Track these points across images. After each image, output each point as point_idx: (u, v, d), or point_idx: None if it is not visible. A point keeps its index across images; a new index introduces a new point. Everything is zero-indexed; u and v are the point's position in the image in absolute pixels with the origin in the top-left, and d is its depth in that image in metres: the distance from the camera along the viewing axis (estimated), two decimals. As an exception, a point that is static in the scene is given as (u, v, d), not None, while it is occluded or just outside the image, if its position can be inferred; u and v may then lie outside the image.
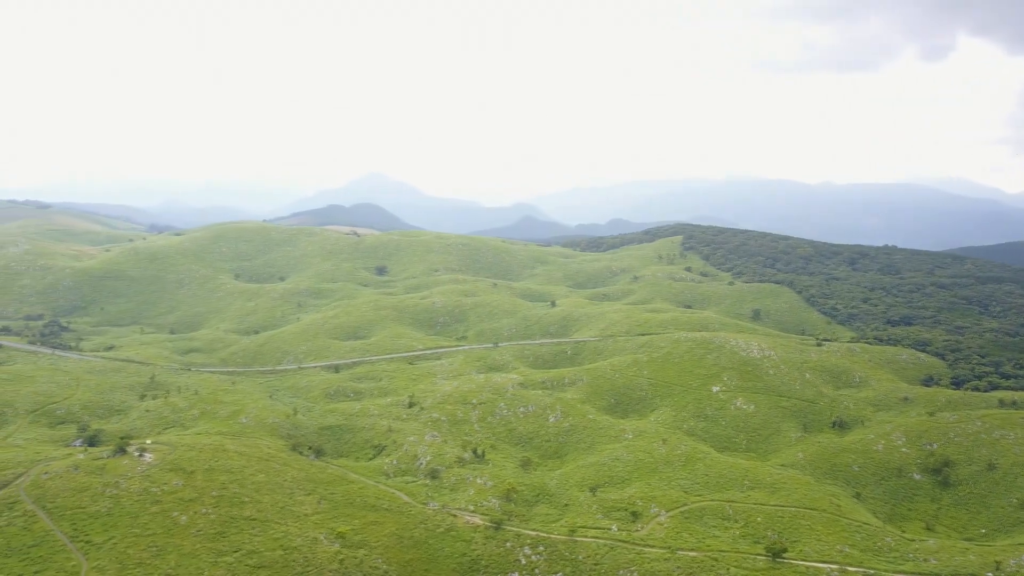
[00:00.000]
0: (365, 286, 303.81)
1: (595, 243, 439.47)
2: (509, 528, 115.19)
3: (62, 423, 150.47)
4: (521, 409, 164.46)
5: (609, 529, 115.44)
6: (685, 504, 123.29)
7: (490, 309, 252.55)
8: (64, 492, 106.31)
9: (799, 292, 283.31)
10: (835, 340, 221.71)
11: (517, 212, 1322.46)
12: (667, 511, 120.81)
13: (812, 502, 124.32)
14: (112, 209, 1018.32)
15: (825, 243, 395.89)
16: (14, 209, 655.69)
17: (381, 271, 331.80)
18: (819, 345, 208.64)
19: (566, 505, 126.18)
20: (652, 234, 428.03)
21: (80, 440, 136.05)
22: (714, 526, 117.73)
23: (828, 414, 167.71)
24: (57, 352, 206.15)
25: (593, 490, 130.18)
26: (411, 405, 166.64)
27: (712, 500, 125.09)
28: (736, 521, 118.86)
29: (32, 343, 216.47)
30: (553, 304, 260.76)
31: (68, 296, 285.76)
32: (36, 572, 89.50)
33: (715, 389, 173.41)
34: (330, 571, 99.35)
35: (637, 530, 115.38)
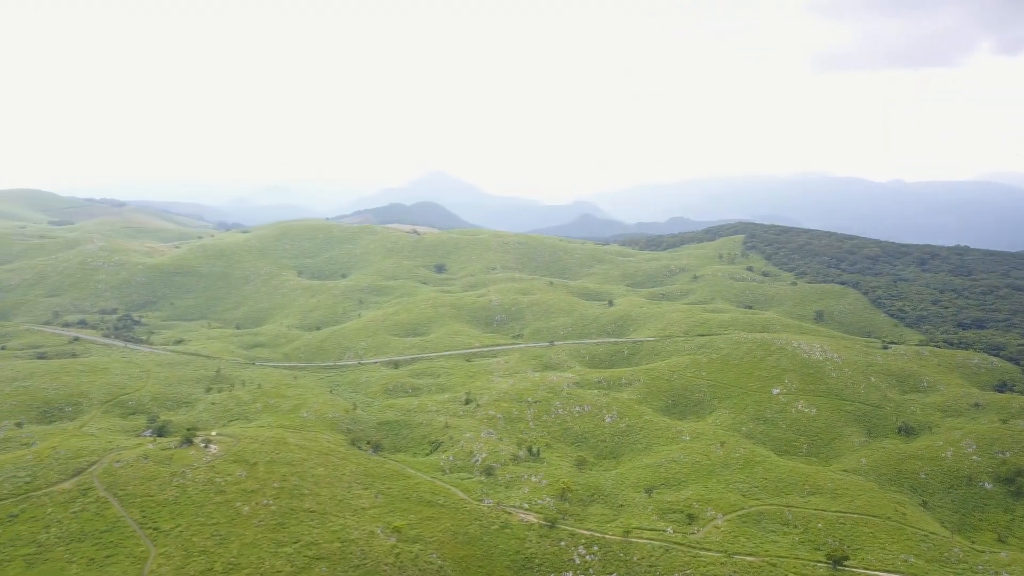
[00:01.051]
0: (424, 283, 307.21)
1: (654, 242, 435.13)
2: (563, 527, 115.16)
3: (133, 413, 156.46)
4: (576, 408, 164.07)
5: (664, 531, 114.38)
6: (743, 508, 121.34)
7: (546, 308, 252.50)
8: (134, 480, 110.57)
9: (865, 293, 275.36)
10: (902, 343, 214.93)
11: (576, 210, 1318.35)
12: (724, 514, 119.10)
13: (875, 509, 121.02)
14: (183, 208, 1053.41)
15: (893, 243, 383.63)
16: (92, 207, 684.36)
17: (440, 269, 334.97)
18: (885, 348, 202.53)
19: (621, 506, 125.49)
20: (713, 233, 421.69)
21: (150, 430, 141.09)
22: (772, 531, 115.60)
23: (894, 419, 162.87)
24: (129, 345, 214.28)
25: (648, 491, 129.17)
26: (467, 402, 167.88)
27: (771, 504, 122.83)
28: (795, 526, 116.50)
29: (106, 336, 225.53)
30: (610, 303, 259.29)
31: (140, 291, 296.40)
32: (107, 556, 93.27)
33: (775, 391, 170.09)
34: (386, 565, 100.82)
35: (693, 533, 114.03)
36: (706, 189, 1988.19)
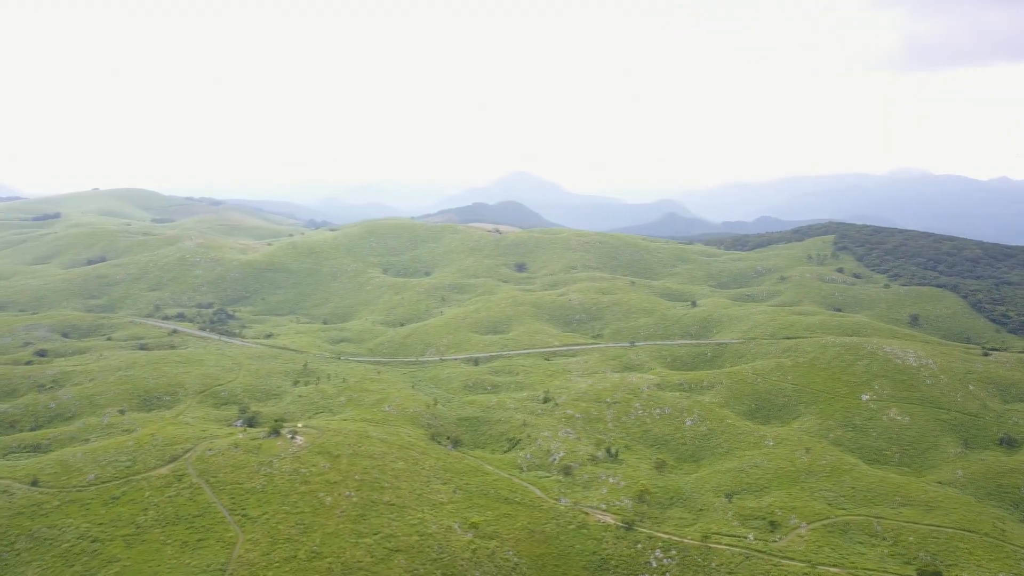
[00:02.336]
0: (505, 282, 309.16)
1: (740, 241, 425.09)
2: (641, 529, 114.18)
3: (225, 404, 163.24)
4: (657, 410, 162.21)
5: (745, 538, 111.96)
6: (828, 517, 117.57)
7: (627, 307, 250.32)
8: (225, 468, 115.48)
9: (964, 297, 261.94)
10: (1005, 350, 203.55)
11: (660, 209, 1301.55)
12: (808, 523, 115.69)
13: (972, 524, 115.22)
14: (276, 206, 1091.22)
15: (997, 244, 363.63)
16: (191, 206, 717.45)
17: (520, 267, 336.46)
18: (986, 355, 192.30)
19: (700, 510, 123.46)
20: (802, 233, 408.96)
21: (240, 420, 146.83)
22: (860, 542, 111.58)
23: (994, 430, 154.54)
24: (223, 338, 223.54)
25: (729, 496, 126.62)
26: (546, 401, 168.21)
27: (858, 515, 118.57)
28: (884, 539, 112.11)
29: (202, 329, 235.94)
30: (693, 304, 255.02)
31: (234, 286, 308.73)
32: (199, 540, 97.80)
33: (865, 397, 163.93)
34: (463, 560, 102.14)
35: (775, 541, 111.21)
36: (797, 188, 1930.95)
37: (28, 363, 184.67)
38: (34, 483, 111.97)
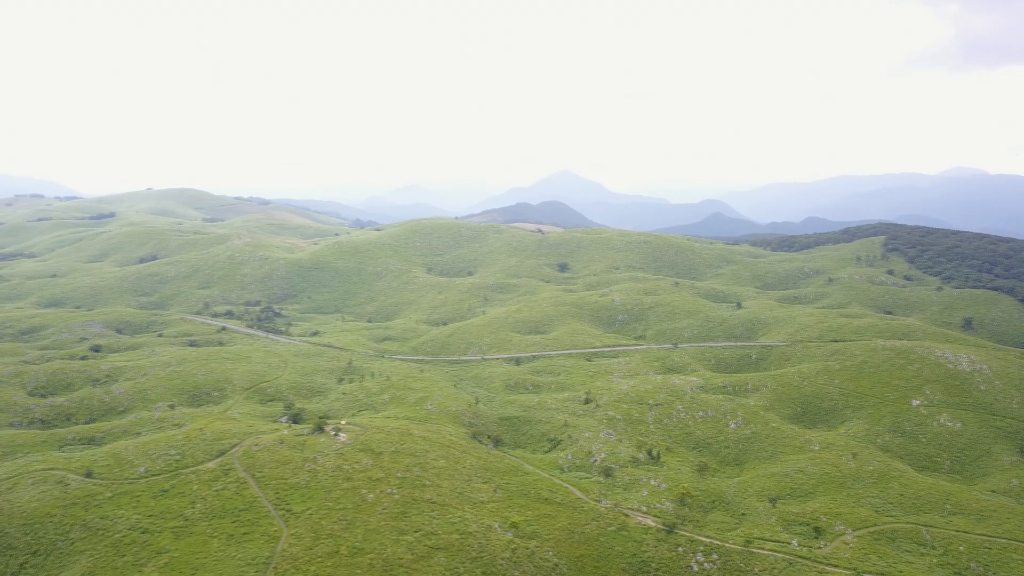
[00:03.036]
0: (547, 282, 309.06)
1: (787, 242, 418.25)
2: (682, 532, 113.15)
3: (271, 400, 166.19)
4: (699, 413, 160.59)
5: (789, 543, 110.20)
6: (875, 524, 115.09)
7: (671, 309, 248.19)
8: (270, 463, 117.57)
9: (1021, 300, 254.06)
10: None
11: (705, 209, 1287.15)
12: (854, 530, 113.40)
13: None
14: (322, 206, 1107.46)
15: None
16: (240, 205, 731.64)
17: (563, 268, 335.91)
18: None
19: (743, 514, 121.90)
20: (851, 234, 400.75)
21: (286, 417, 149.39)
22: (907, 551, 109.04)
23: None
24: (270, 336, 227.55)
25: (773, 501, 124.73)
26: (587, 401, 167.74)
27: (906, 523, 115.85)
28: (933, 548, 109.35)
29: (250, 326, 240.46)
30: (738, 305, 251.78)
31: (281, 285, 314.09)
32: (244, 533, 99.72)
33: (915, 403, 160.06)
34: (503, 559, 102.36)
35: (820, 547, 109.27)
36: (847, 188, 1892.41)
37: (83, 358, 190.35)
38: (88, 475, 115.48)
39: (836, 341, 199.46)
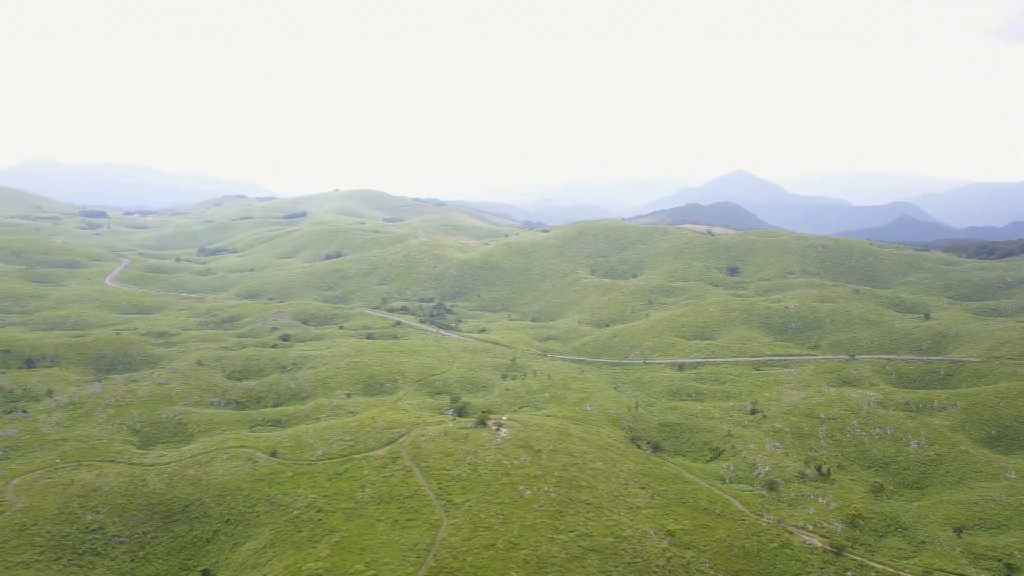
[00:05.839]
0: (715, 286, 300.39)
1: (986, 248, 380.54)
2: (851, 556, 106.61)
3: (439, 393, 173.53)
4: (877, 430, 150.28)
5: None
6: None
7: (849, 317, 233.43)
8: (434, 454, 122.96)
9: None
10: None
11: (893, 212, 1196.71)
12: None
13: None
14: (494, 207, 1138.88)
15: None
16: (418, 206, 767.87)
17: (732, 271, 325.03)
18: None
19: (922, 542, 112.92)
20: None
21: (451, 410, 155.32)
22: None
23: None
24: (440, 331, 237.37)
25: (958, 531, 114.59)
26: (753, 412, 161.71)
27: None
28: None
29: (423, 322, 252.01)
30: (926, 316, 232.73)
31: (453, 283, 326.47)
32: (408, 520, 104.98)
33: None
34: (657, 567, 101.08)
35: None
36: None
37: (274, 346, 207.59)
38: (273, 454, 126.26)
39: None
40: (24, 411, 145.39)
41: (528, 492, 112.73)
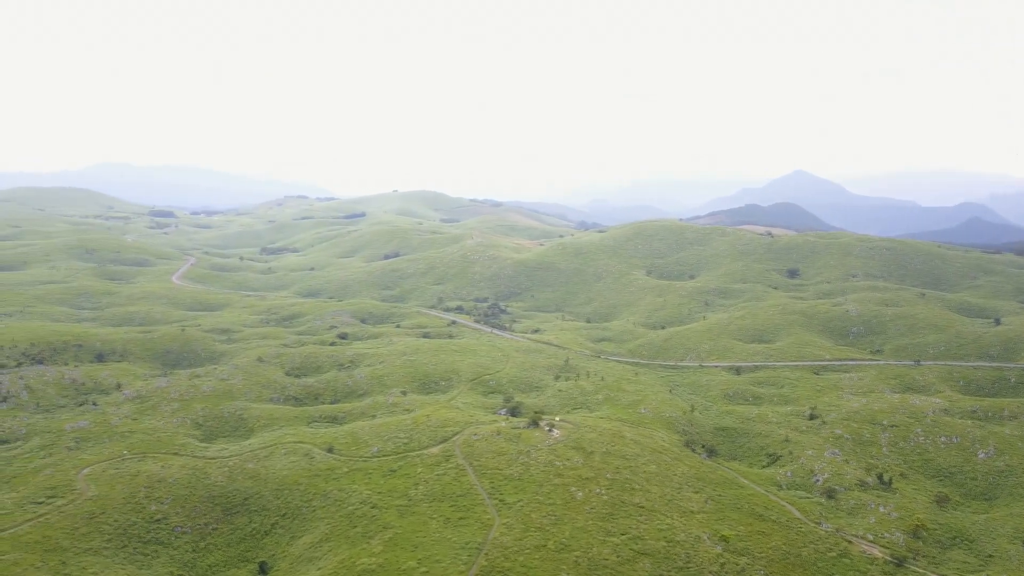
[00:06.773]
0: (774, 288, 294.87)
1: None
2: (913, 568, 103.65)
3: (492, 392, 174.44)
4: (943, 438, 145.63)
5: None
6: None
7: (914, 322, 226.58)
8: (487, 453, 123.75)
9: None
10: None
11: (962, 213, 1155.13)
12: None
13: None
14: (549, 208, 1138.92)
15: None
16: (474, 207, 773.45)
17: (792, 274, 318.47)
18: None
19: (990, 556, 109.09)
20: None
21: (504, 410, 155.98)
22: None
23: None
24: (495, 331, 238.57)
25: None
26: (812, 417, 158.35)
27: None
28: None
29: (477, 322, 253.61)
30: (997, 321, 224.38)
31: (508, 283, 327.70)
32: (460, 518, 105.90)
33: None
34: (710, 572, 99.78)
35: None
36: None
37: (332, 344, 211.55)
38: (330, 450, 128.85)
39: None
40: (95, 403, 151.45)
41: (580, 494, 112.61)
